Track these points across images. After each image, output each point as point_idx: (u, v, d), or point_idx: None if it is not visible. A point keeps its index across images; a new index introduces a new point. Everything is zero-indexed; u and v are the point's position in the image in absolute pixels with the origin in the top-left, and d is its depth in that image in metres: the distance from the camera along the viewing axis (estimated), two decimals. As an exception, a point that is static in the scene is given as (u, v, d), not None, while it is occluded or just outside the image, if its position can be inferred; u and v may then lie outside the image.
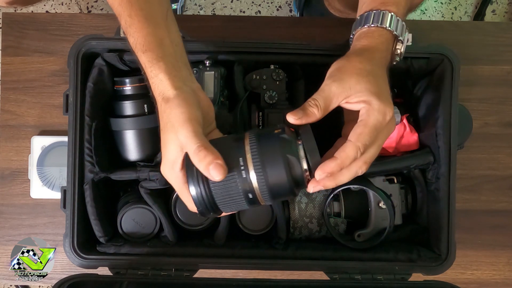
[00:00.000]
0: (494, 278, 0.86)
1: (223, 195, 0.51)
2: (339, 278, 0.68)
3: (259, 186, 0.51)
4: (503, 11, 1.45)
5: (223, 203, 0.52)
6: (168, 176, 0.56)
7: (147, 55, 0.54)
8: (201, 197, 0.52)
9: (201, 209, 0.53)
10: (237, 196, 0.51)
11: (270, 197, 0.52)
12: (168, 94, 0.53)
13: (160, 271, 0.69)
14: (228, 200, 0.52)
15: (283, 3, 1.43)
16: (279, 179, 0.51)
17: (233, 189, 0.51)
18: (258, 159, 0.50)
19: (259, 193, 0.51)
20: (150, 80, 0.55)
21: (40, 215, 0.85)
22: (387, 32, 0.57)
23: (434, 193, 0.71)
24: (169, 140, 0.53)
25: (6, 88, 0.86)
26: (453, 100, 0.68)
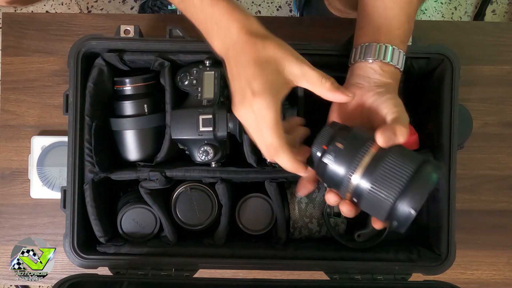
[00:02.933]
0: (494, 278, 0.86)
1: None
2: (339, 278, 0.68)
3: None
4: (503, 11, 1.45)
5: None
6: (266, 102, 0.52)
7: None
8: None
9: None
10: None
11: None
12: (262, 32, 0.54)
13: (160, 271, 0.69)
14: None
15: (283, 3, 1.43)
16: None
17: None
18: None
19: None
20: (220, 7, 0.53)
21: (40, 215, 0.85)
22: (400, 74, 0.61)
23: (434, 193, 0.71)
24: (271, 71, 0.52)
25: (6, 88, 0.86)
26: (453, 100, 0.68)
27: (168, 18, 1.06)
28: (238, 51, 0.53)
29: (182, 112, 0.67)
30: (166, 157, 0.70)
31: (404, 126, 0.52)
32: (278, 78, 0.53)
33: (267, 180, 0.70)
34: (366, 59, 0.59)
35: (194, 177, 0.70)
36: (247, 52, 0.52)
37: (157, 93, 0.72)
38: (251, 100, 0.51)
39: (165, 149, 0.69)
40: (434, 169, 0.50)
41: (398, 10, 0.59)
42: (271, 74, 0.52)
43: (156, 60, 0.69)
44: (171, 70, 0.70)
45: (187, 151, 0.70)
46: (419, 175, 0.49)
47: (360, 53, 0.60)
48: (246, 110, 0.52)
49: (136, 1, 1.41)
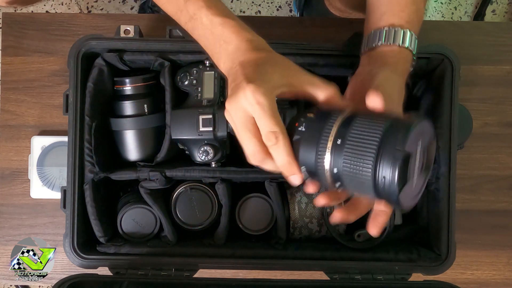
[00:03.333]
0: (494, 278, 0.86)
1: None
2: (339, 278, 0.68)
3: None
4: (503, 11, 1.45)
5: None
6: (262, 90, 0.48)
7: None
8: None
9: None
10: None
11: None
12: (264, 45, 0.54)
13: (160, 271, 0.69)
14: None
15: (283, 3, 1.43)
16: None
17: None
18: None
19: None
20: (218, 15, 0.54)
21: (40, 215, 0.85)
22: (410, 52, 0.59)
23: (434, 193, 0.71)
24: (274, 71, 0.51)
25: (6, 88, 0.86)
26: (453, 100, 0.68)
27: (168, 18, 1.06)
28: (245, 59, 0.52)
29: (182, 112, 0.67)
30: (166, 157, 0.70)
31: (378, 94, 0.48)
32: (279, 78, 0.51)
33: (267, 180, 0.70)
34: (370, 47, 0.59)
35: (194, 177, 0.70)
36: (253, 59, 0.52)
37: (157, 93, 0.72)
38: (245, 87, 0.48)
39: (165, 149, 0.69)
40: (410, 119, 0.42)
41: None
42: (272, 73, 0.51)
43: (156, 60, 0.69)
44: (171, 70, 0.70)
45: (187, 151, 0.70)
46: (391, 131, 0.41)
47: (365, 43, 0.61)
48: (234, 105, 0.49)
49: (136, 1, 1.41)
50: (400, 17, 0.59)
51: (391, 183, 0.40)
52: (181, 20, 0.57)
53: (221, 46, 0.54)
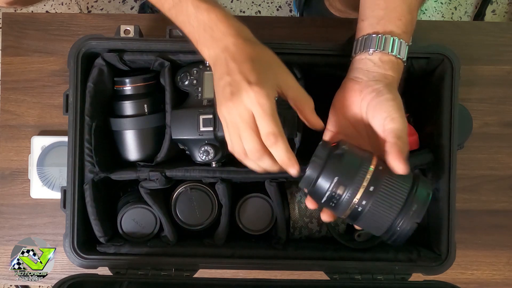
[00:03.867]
0: (494, 278, 0.86)
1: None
2: (339, 278, 0.68)
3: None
4: (503, 11, 1.45)
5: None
6: (265, 91, 0.51)
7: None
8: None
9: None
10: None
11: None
12: (250, 36, 0.55)
13: (160, 271, 0.69)
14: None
15: (283, 3, 1.43)
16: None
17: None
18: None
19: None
20: (208, 16, 0.54)
21: (40, 215, 0.85)
22: (403, 64, 0.60)
23: (434, 193, 0.71)
24: (268, 72, 0.53)
25: (6, 88, 0.86)
26: (453, 100, 0.68)
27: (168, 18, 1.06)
28: (236, 50, 0.53)
29: (182, 112, 0.67)
30: (166, 157, 0.70)
31: (405, 143, 0.54)
32: (273, 78, 0.53)
33: (267, 180, 0.70)
34: (366, 51, 0.59)
35: (194, 177, 0.70)
36: (246, 50, 0.53)
37: (157, 93, 0.72)
38: (247, 90, 0.50)
39: (165, 149, 0.69)
40: (425, 188, 0.54)
41: (399, 0, 0.59)
42: (267, 72, 0.53)
43: (156, 60, 0.69)
44: (171, 70, 0.69)
45: (188, 151, 0.70)
46: (415, 195, 0.53)
47: (360, 45, 0.60)
48: (238, 105, 0.51)
49: (136, 1, 1.41)
50: (398, 25, 0.59)
51: (409, 230, 0.54)
52: (164, 7, 0.58)
53: (205, 31, 0.54)
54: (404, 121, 0.55)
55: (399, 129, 0.54)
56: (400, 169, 0.53)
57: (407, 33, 0.60)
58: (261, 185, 0.71)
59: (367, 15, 0.61)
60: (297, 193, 0.74)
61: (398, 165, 0.53)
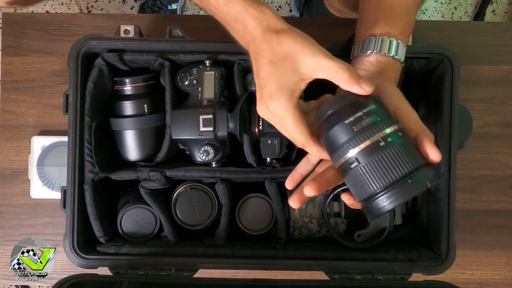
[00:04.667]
0: (494, 278, 0.86)
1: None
2: (339, 278, 0.68)
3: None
4: (503, 11, 1.45)
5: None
6: (281, 105, 0.52)
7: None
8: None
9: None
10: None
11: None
12: (278, 26, 0.52)
13: (160, 271, 0.69)
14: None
15: (283, 3, 1.43)
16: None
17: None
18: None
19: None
20: (239, 12, 0.53)
21: (40, 215, 0.85)
22: (401, 65, 0.60)
23: (434, 193, 0.71)
24: (286, 69, 0.52)
25: (6, 88, 0.86)
26: (453, 100, 0.68)
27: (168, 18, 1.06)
28: (256, 49, 0.53)
29: (182, 112, 0.67)
30: (166, 157, 0.70)
31: (426, 129, 0.52)
32: (293, 77, 0.52)
33: (267, 180, 0.70)
34: (364, 53, 0.59)
35: (194, 177, 0.70)
36: (264, 50, 0.52)
37: (157, 93, 0.72)
38: (267, 101, 0.52)
39: (165, 149, 0.69)
40: (428, 177, 0.48)
41: (396, 2, 0.59)
42: (286, 74, 0.52)
43: (156, 60, 0.69)
44: (171, 70, 0.70)
45: (188, 151, 0.70)
46: (412, 177, 0.48)
47: (357, 48, 0.60)
48: (265, 111, 0.54)
49: (136, 1, 1.41)
50: (395, 27, 0.59)
51: (382, 208, 0.48)
52: (209, 6, 0.57)
53: (232, 25, 0.55)
54: (415, 112, 0.54)
55: (417, 119, 0.53)
56: (436, 156, 0.49)
57: (404, 35, 0.60)
58: (261, 185, 0.71)
59: (365, 18, 0.61)
60: (297, 193, 0.73)
61: (434, 153, 0.49)
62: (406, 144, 0.48)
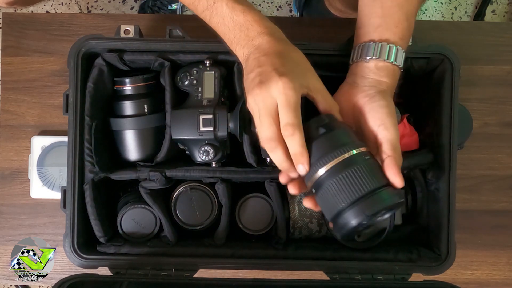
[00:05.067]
0: (494, 278, 0.86)
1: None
2: (339, 278, 0.68)
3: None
4: (503, 11, 1.45)
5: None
6: (293, 85, 0.52)
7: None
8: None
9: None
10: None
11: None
12: (284, 37, 0.57)
13: (160, 271, 0.69)
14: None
15: (283, 3, 1.43)
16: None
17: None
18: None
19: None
20: (240, 11, 0.56)
21: (40, 215, 0.85)
22: (399, 70, 0.61)
23: (434, 193, 0.71)
24: (297, 69, 0.54)
25: (6, 88, 0.86)
26: (453, 100, 0.68)
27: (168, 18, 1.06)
28: (268, 46, 0.55)
29: (182, 112, 0.67)
30: (166, 157, 0.70)
31: (399, 155, 0.55)
32: (302, 79, 0.54)
33: (267, 180, 0.70)
34: (363, 59, 0.60)
35: (194, 177, 0.70)
36: (278, 48, 0.55)
37: (157, 93, 0.72)
38: (277, 78, 0.52)
39: (165, 149, 0.69)
40: (391, 196, 0.52)
41: (396, 8, 0.60)
42: (297, 70, 0.54)
43: (156, 60, 0.69)
44: (171, 70, 0.70)
45: (188, 151, 0.70)
46: (376, 194, 0.51)
47: (357, 53, 0.61)
48: (265, 92, 0.52)
49: (136, 1, 1.41)
50: (394, 32, 0.59)
51: (347, 224, 0.51)
52: (198, 9, 0.60)
53: (241, 31, 0.57)
54: (396, 130, 0.56)
55: (394, 138, 0.55)
56: (398, 183, 0.53)
57: (403, 40, 0.60)
58: (261, 185, 0.71)
59: (364, 23, 0.62)
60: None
61: (396, 180, 0.53)
62: (371, 165, 0.52)
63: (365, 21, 0.61)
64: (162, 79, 0.70)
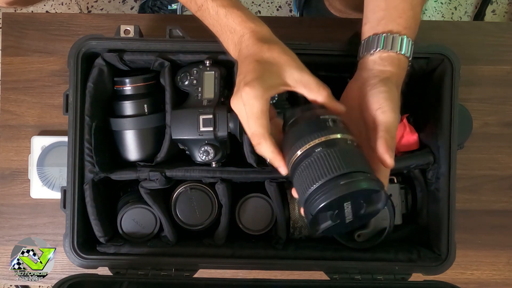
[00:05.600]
0: (494, 278, 0.86)
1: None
2: (339, 278, 0.68)
3: None
4: (503, 11, 1.45)
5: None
6: (255, 92, 0.52)
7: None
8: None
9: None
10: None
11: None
12: (272, 38, 0.57)
13: (160, 271, 0.69)
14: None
15: (283, 3, 1.43)
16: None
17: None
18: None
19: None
20: (229, 10, 0.57)
21: (40, 215, 0.85)
22: (406, 59, 0.60)
23: (434, 193, 0.71)
24: (271, 71, 0.55)
25: (6, 88, 0.86)
26: (453, 100, 0.68)
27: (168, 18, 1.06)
28: (246, 52, 0.56)
29: (182, 112, 0.67)
30: (166, 157, 0.70)
31: (393, 138, 0.54)
32: (275, 78, 0.55)
33: (267, 180, 0.70)
34: (368, 53, 0.60)
35: (194, 177, 0.70)
36: (253, 53, 0.55)
37: (157, 93, 0.72)
38: (242, 89, 0.53)
39: (165, 149, 0.69)
40: (366, 182, 0.49)
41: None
42: (268, 73, 0.54)
43: (156, 60, 0.69)
44: (171, 70, 0.70)
45: (188, 151, 0.70)
46: (349, 178, 0.48)
47: (362, 49, 0.61)
48: (237, 100, 0.54)
49: (136, 1, 1.41)
50: (398, 23, 0.59)
51: (316, 204, 0.48)
52: (192, 9, 0.61)
53: (227, 36, 0.58)
54: (394, 115, 0.55)
55: (389, 121, 0.54)
56: (387, 160, 0.52)
57: (408, 28, 0.60)
58: (261, 185, 0.71)
59: (369, 18, 0.62)
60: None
61: (386, 157, 0.52)
62: (352, 150, 0.51)
63: (369, 16, 0.62)
64: (162, 79, 0.70)
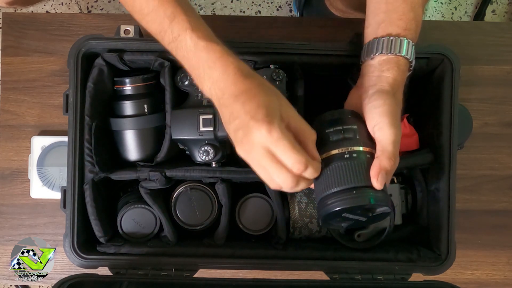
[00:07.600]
0: (494, 278, 0.86)
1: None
2: (339, 278, 0.68)
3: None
4: (503, 11, 1.45)
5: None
6: (275, 127, 0.50)
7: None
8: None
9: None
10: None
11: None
12: (250, 70, 0.54)
13: (160, 271, 0.69)
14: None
15: (283, 3, 1.43)
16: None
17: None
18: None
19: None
20: (206, 44, 0.54)
21: (40, 215, 0.85)
22: (407, 61, 0.60)
23: (434, 193, 0.71)
24: (271, 94, 0.53)
25: (6, 88, 0.86)
26: (453, 100, 0.68)
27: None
28: (237, 89, 0.52)
29: (182, 112, 0.67)
30: (166, 157, 0.70)
31: (388, 157, 0.54)
32: (278, 106, 0.52)
33: (267, 180, 0.70)
34: (369, 57, 0.59)
35: (194, 177, 0.70)
36: (247, 86, 0.52)
37: (157, 93, 0.72)
38: (257, 128, 0.50)
39: (165, 149, 0.69)
40: (373, 196, 0.54)
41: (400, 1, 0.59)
42: (271, 101, 0.52)
43: (156, 60, 0.69)
44: (171, 70, 0.69)
45: (188, 151, 0.70)
46: (359, 191, 0.54)
47: (364, 53, 0.61)
48: (252, 146, 0.51)
49: (136, 1, 1.40)
50: (398, 25, 0.59)
51: (328, 207, 0.55)
52: (164, 40, 0.57)
53: (204, 71, 0.54)
54: (391, 130, 0.55)
55: (385, 139, 0.55)
56: (375, 184, 0.54)
57: (408, 30, 0.59)
58: (261, 185, 0.71)
59: (370, 21, 0.62)
60: (297, 193, 0.74)
61: (373, 181, 0.54)
62: (366, 165, 0.55)
63: (370, 20, 0.61)
64: (162, 79, 0.70)
